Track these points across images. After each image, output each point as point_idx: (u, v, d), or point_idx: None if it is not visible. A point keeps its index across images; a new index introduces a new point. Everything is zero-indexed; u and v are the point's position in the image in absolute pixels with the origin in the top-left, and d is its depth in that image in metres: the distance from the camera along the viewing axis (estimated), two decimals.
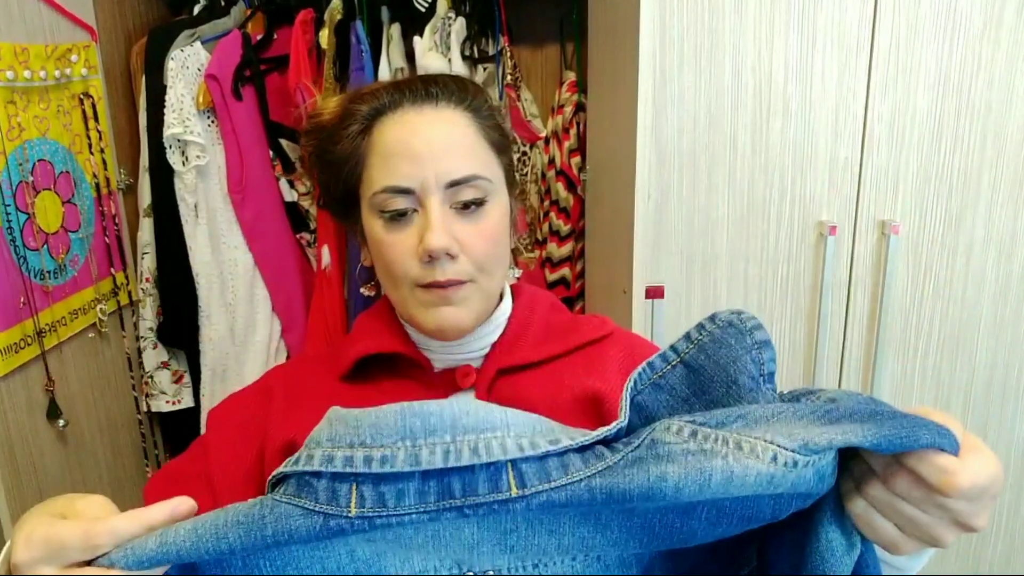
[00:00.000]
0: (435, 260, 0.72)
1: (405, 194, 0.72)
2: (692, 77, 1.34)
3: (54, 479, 1.51)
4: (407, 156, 0.72)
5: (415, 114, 0.74)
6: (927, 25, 1.33)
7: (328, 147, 0.78)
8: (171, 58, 1.61)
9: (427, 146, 0.72)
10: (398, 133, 0.73)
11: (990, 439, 1.54)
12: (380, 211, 0.74)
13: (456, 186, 0.72)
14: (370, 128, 0.75)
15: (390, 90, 0.76)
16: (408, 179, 0.72)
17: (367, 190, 0.75)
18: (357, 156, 0.75)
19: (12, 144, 1.39)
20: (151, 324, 1.77)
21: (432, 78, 0.77)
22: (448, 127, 0.74)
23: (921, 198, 1.41)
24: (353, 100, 0.77)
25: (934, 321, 1.48)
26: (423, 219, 0.72)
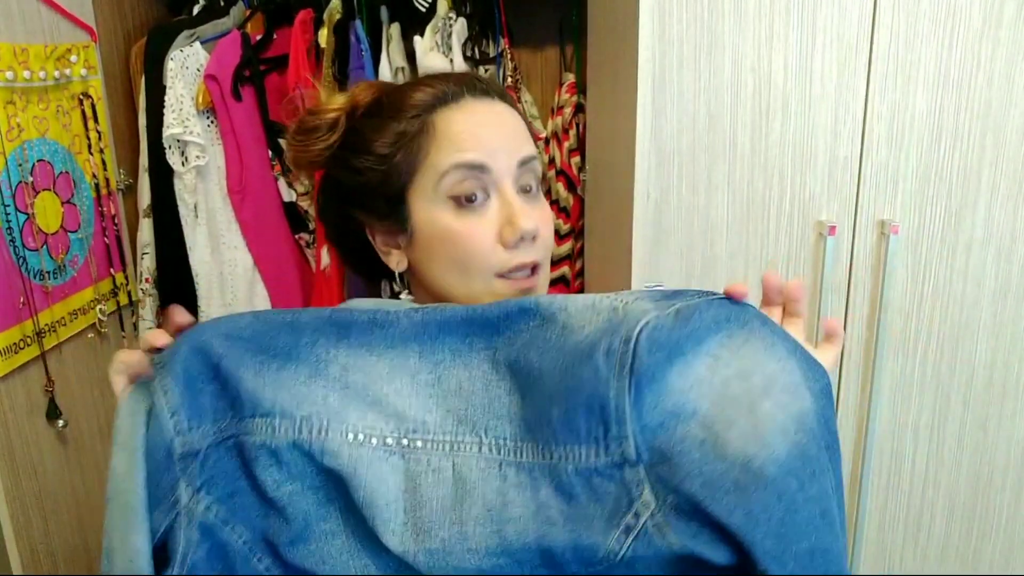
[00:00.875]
0: (522, 244, 0.71)
1: (479, 172, 0.71)
2: (691, 77, 1.34)
3: (54, 479, 1.51)
4: (478, 138, 0.71)
5: (479, 104, 0.74)
6: (926, 24, 1.33)
7: (359, 143, 0.74)
8: (170, 58, 1.61)
9: (496, 131, 0.73)
10: (465, 119, 0.72)
11: (990, 438, 1.54)
12: (450, 196, 0.71)
13: (524, 165, 0.73)
14: (428, 118, 0.73)
15: (448, 82, 0.74)
16: (482, 155, 0.71)
17: (428, 179, 0.72)
18: (410, 147, 0.72)
19: (12, 144, 1.39)
20: (151, 324, 1.77)
21: (476, 75, 0.78)
22: (508, 115, 0.75)
23: (921, 197, 1.42)
24: (396, 91, 0.76)
25: (933, 320, 1.48)
26: (501, 204, 0.71)
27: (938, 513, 1.59)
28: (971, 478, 1.57)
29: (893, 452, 1.55)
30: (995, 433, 1.54)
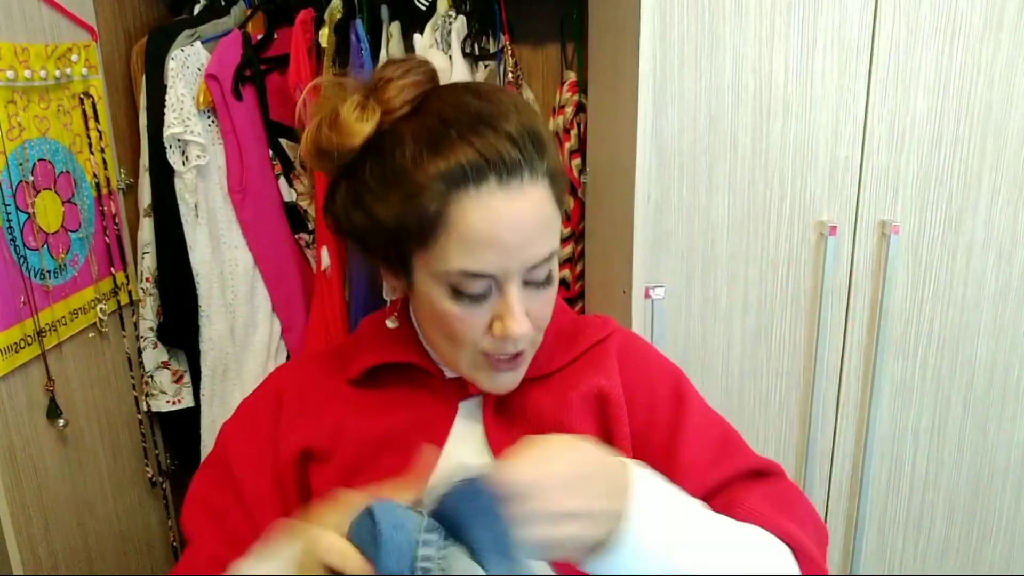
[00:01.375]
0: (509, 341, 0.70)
1: (486, 278, 0.67)
2: (692, 77, 1.34)
3: (54, 479, 1.51)
4: (494, 245, 0.65)
5: (503, 197, 0.65)
6: (927, 27, 1.33)
7: (367, 199, 0.68)
8: (171, 58, 1.61)
9: (517, 236, 0.66)
10: (483, 218, 0.64)
11: (990, 440, 1.54)
12: (453, 289, 0.68)
13: (536, 267, 0.69)
14: (445, 203, 0.65)
15: (470, 156, 0.64)
16: (492, 266, 0.66)
17: (433, 261, 0.67)
18: (422, 226, 0.66)
19: (12, 144, 1.39)
20: (151, 324, 1.77)
21: (513, 135, 0.66)
22: (534, 209, 0.67)
23: (921, 199, 1.41)
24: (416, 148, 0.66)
25: (934, 322, 1.48)
26: (501, 302, 0.68)
27: (938, 515, 1.59)
28: (971, 480, 1.57)
29: (893, 454, 1.55)
30: (995, 435, 1.54)
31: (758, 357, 1.48)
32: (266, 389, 0.84)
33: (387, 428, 0.77)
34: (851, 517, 1.58)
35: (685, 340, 1.46)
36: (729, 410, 1.51)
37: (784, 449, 1.54)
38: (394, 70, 0.70)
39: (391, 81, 0.69)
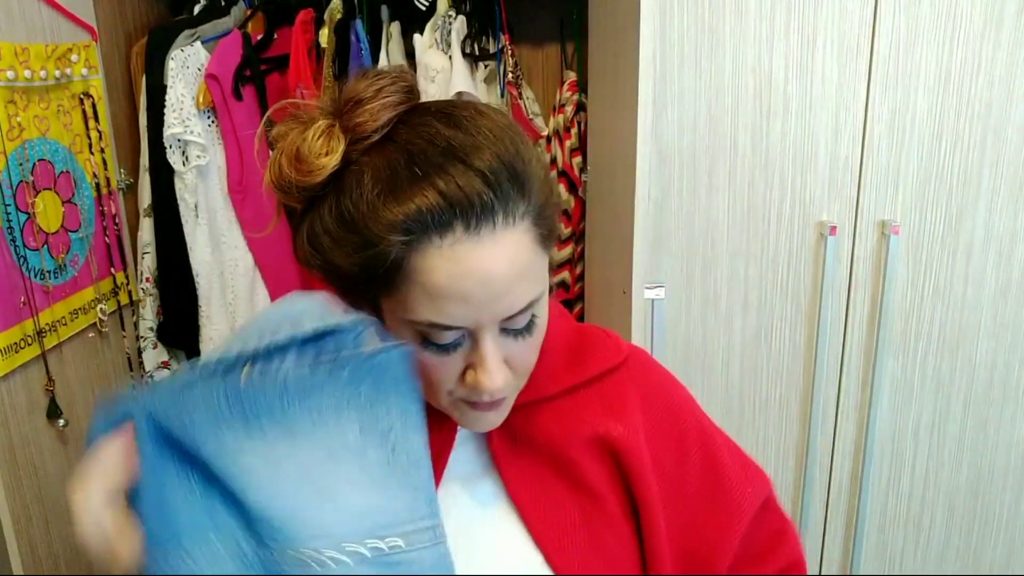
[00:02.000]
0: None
1: (455, 330, 0.61)
2: (692, 77, 1.34)
3: (54, 479, 1.51)
4: (460, 300, 0.58)
5: (471, 245, 0.57)
6: (927, 25, 1.33)
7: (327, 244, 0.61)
8: (171, 58, 1.61)
9: (485, 290, 0.58)
10: (448, 272, 0.57)
11: (990, 439, 1.54)
12: (423, 337, 0.62)
13: (511, 318, 0.61)
14: (406, 253, 0.57)
15: (433, 200, 0.56)
16: (461, 320, 0.59)
17: (403, 312, 0.61)
18: (385, 275, 0.59)
19: (12, 144, 1.39)
20: (151, 324, 1.77)
21: (486, 172, 0.58)
22: (508, 259, 0.59)
23: (921, 198, 1.41)
24: (380, 197, 0.58)
25: (934, 321, 1.48)
26: (474, 352, 0.62)
27: (938, 514, 1.59)
28: (971, 479, 1.57)
29: (893, 453, 1.55)
30: (995, 434, 1.54)
31: (758, 357, 1.48)
32: None
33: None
34: (851, 516, 1.58)
35: (685, 340, 1.46)
36: (729, 410, 1.51)
37: (784, 449, 1.54)
38: (366, 88, 0.61)
39: (361, 104, 0.61)
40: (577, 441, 0.73)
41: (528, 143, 0.64)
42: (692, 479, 0.76)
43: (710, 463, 0.76)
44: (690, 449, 0.77)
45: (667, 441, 0.76)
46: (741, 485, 0.76)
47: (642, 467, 0.73)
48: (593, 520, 0.72)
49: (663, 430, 0.77)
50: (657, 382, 0.80)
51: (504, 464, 0.74)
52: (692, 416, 0.79)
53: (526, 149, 0.62)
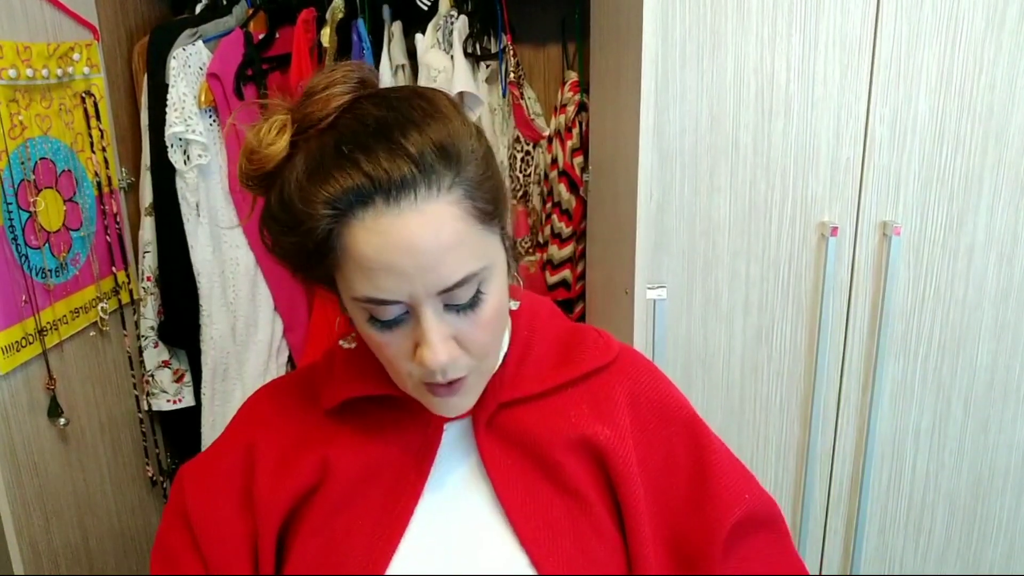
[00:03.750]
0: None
1: (393, 304, 0.62)
2: (694, 77, 1.34)
3: (55, 477, 1.51)
4: (389, 271, 0.60)
5: (392, 217, 0.59)
6: (929, 27, 1.33)
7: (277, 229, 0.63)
8: (173, 57, 1.61)
9: (411, 259, 0.59)
10: (374, 245, 0.59)
11: (990, 440, 1.54)
12: (369, 314, 0.64)
13: (449, 291, 0.62)
14: (336, 231, 0.60)
15: (355, 180, 0.58)
16: (394, 293, 0.61)
17: (346, 288, 0.64)
18: (325, 253, 0.62)
19: (14, 142, 1.39)
20: (152, 323, 1.77)
21: (400, 141, 0.60)
22: (433, 231, 0.59)
23: (923, 200, 1.41)
24: (301, 185, 0.60)
25: (935, 323, 1.48)
26: (417, 326, 0.63)
27: (939, 515, 1.59)
28: (972, 481, 1.57)
29: (894, 454, 1.55)
30: (996, 436, 1.54)
31: (759, 358, 1.48)
32: (237, 441, 0.77)
33: (371, 456, 0.74)
34: (851, 517, 1.58)
35: (686, 340, 1.46)
36: (730, 410, 1.51)
37: (784, 449, 1.54)
38: (319, 81, 0.65)
39: (312, 95, 0.64)
40: (564, 441, 0.73)
41: (468, 123, 0.65)
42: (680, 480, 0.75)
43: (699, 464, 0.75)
44: (678, 450, 0.76)
45: (655, 441, 0.76)
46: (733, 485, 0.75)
47: (627, 470, 0.73)
48: (579, 523, 0.72)
49: (651, 430, 0.76)
50: (647, 382, 0.79)
51: (491, 465, 0.74)
52: (681, 417, 0.78)
53: (461, 128, 0.63)
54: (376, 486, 0.73)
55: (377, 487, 0.73)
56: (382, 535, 0.71)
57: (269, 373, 1.81)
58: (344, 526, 0.72)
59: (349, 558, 0.70)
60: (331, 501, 0.72)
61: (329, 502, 0.72)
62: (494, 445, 0.74)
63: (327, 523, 0.72)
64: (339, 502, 0.72)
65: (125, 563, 1.72)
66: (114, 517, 1.67)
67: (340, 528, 0.72)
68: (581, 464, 0.73)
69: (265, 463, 0.74)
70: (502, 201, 0.67)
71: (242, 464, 0.75)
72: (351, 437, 0.75)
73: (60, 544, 1.52)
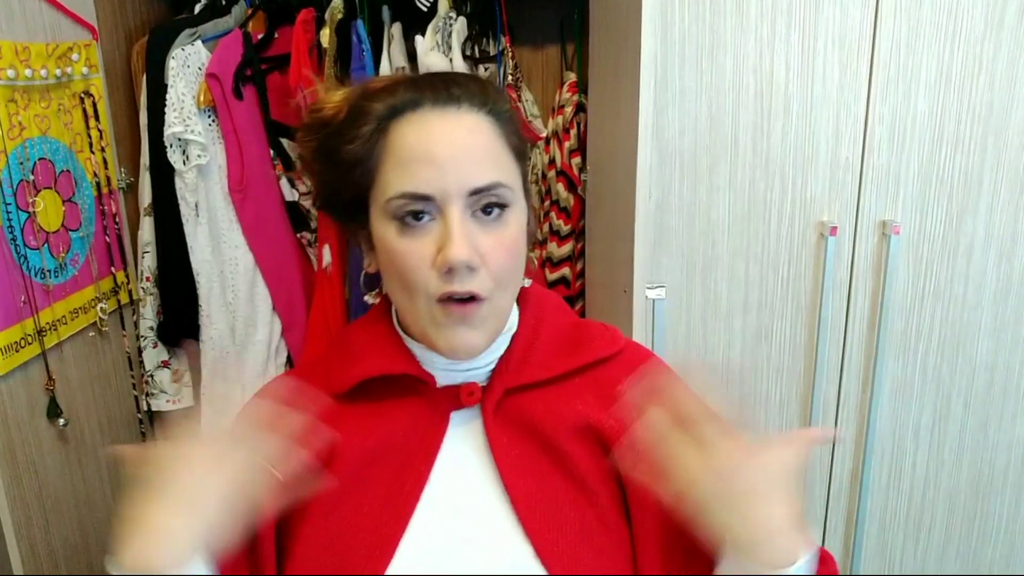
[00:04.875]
0: (455, 272, 0.68)
1: (424, 200, 0.67)
2: (693, 77, 1.34)
3: (54, 478, 1.51)
4: (427, 161, 0.67)
5: (437, 117, 0.69)
6: (928, 26, 1.33)
7: (335, 145, 0.71)
8: (172, 57, 1.61)
9: (449, 151, 0.67)
10: (418, 136, 0.68)
11: (990, 439, 1.55)
12: (395, 216, 0.69)
13: (478, 194, 0.68)
14: (385, 128, 0.69)
15: (408, 88, 0.70)
16: (428, 185, 0.67)
17: (380, 194, 0.70)
18: (370, 157, 0.70)
19: (13, 143, 1.39)
20: (151, 323, 1.77)
21: (453, 78, 0.72)
22: (471, 132, 0.69)
23: (922, 199, 1.42)
24: (365, 96, 0.71)
25: (934, 322, 1.48)
26: (443, 228, 0.67)
27: (938, 514, 1.59)
28: (971, 479, 1.57)
29: (894, 453, 1.55)
30: (995, 434, 1.55)
31: (759, 357, 1.49)
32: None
33: (378, 441, 0.74)
34: (851, 516, 1.58)
35: (686, 339, 1.46)
36: None
37: None
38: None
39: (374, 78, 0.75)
40: (570, 429, 0.74)
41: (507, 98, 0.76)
42: None
43: None
44: None
45: None
46: None
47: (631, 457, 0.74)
48: (585, 513, 0.72)
49: None
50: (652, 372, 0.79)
51: (499, 451, 0.74)
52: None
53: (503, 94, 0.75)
54: (383, 470, 0.74)
55: (384, 471, 0.73)
56: (388, 520, 0.71)
57: (268, 373, 1.81)
58: (351, 510, 0.72)
59: (356, 542, 0.70)
60: (337, 486, 0.73)
61: (335, 487, 0.73)
62: (501, 431, 0.75)
63: (335, 507, 0.72)
64: (345, 486, 0.73)
65: None
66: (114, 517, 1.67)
67: (347, 512, 0.72)
68: (587, 452, 0.74)
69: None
70: (527, 156, 0.76)
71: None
72: (359, 421, 0.75)
73: (60, 544, 1.52)
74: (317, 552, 0.71)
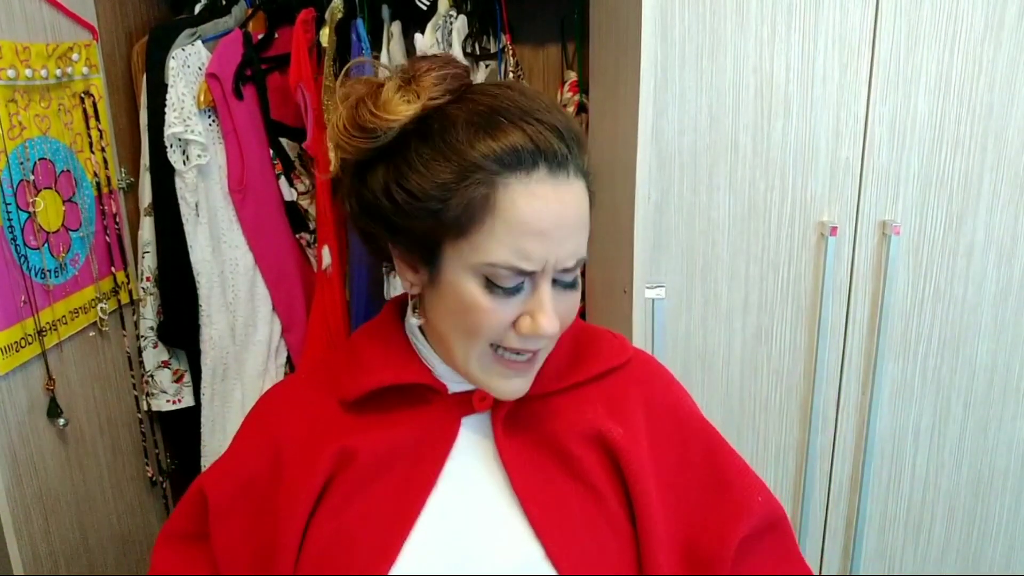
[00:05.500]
0: (537, 340, 0.68)
1: (528, 275, 0.66)
2: (693, 77, 1.34)
3: (54, 478, 1.51)
4: (539, 236, 0.64)
5: (551, 186, 0.65)
6: (928, 27, 1.33)
7: (410, 175, 0.66)
8: (172, 57, 1.61)
9: (559, 229, 0.65)
10: (531, 207, 0.64)
11: (990, 440, 1.54)
12: (487, 276, 0.66)
13: (571, 268, 0.68)
14: (493, 186, 0.64)
15: (523, 141, 0.64)
16: (535, 262, 0.65)
17: (473, 252, 0.65)
18: (467, 211, 0.64)
19: (13, 143, 1.39)
20: (151, 323, 1.77)
21: (560, 129, 0.66)
22: (576, 205, 0.67)
23: (922, 200, 1.41)
24: (463, 126, 0.65)
25: (934, 322, 1.48)
26: (533, 298, 0.67)
27: (938, 515, 1.59)
28: (971, 481, 1.57)
29: (893, 454, 1.55)
30: (995, 436, 1.54)
31: (758, 357, 1.48)
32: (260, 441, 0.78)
33: (389, 446, 0.75)
34: (851, 517, 1.58)
35: (685, 340, 1.46)
36: (729, 410, 1.51)
37: (784, 449, 1.54)
38: (431, 63, 0.69)
39: (430, 71, 0.68)
40: (579, 436, 0.74)
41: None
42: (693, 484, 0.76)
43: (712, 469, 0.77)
44: (691, 454, 0.77)
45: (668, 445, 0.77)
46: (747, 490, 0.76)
47: (640, 470, 0.74)
48: (594, 516, 0.72)
49: (665, 434, 0.77)
50: (661, 387, 0.81)
51: (508, 456, 0.74)
52: (694, 422, 0.79)
53: (577, 123, 0.71)
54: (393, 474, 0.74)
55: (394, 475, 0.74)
56: (392, 525, 0.71)
57: (268, 373, 1.81)
58: (357, 514, 0.72)
59: (358, 546, 0.70)
60: (346, 489, 0.73)
61: (344, 490, 0.73)
62: (511, 437, 0.75)
63: (341, 510, 0.72)
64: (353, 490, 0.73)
65: (125, 563, 1.72)
66: (114, 517, 1.67)
67: (353, 516, 0.72)
68: (596, 459, 0.75)
69: (291, 468, 0.75)
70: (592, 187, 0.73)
71: (268, 473, 0.76)
72: (369, 427, 0.76)
73: (60, 544, 1.52)
74: (322, 555, 0.71)
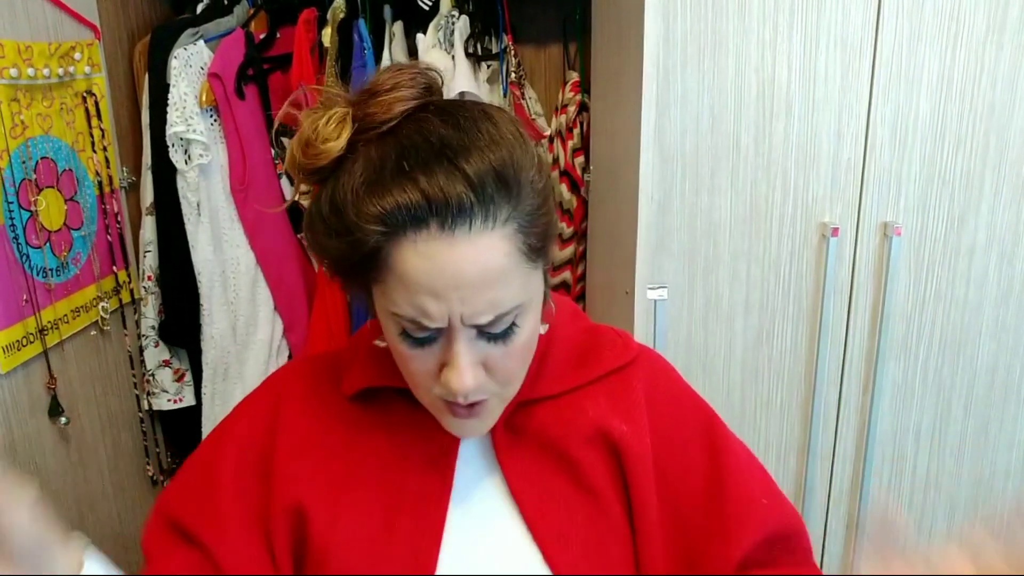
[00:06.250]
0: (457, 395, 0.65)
1: (429, 329, 0.62)
2: (695, 78, 1.34)
3: (55, 477, 1.51)
4: (432, 295, 0.59)
5: (446, 244, 0.57)
6: (930, 27, 1.33)
7: (331, 222, 0.62)
8: (174, 56, 1.61)
9: (456, 291, 0.59)
10: (421, 268, 0.58)
11: (991, 441, 1.54)
12: (402, 329, 0.63)
13: (485, 326, 0.62)
14: (385, 245, 0.59)
15: (412, 197, 0.57)
16: (433, 319, 0.60)
17: (386, 302, 0.62)
18: (370, 263, 0.61)
19: (15, 142, 1.39)
20: (153, 322, 1.77)
21: (471, 175, 0.58)
22: (482, 261, 0.59)
23: (923, 200, 1.41)
24: (365, 189, 0.59)
25: (936, 323, 1.48)
26: (447, 348, 0.62)
27: (939, 516, 1.59)
28: (972, 482, 1.57)
29: (894, 455, 1.55)
30: (996, 437, 1.54)
31: (760, 358, 1.48)
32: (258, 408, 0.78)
33: (392, 447, 0.74)
34: (852, 518, 1.58)
35: (687, 341, 1.46)
36: (730, 411, 1.51)
37: (785, 450, 1.54)
38: (386, 80, 0.63)
39: (376, 95, 0.62)
40: (581, 437, 0.73)
41: (531, 152, 0.63)
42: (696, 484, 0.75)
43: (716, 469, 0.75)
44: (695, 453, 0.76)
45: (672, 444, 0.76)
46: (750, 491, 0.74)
47: (643, 469, 0.73)
48: (596, 523, 0.72)
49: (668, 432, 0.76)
50: (665, 383, 0.79)
51: (507, 460, 0.74)
52: (699, 419, 0.78)
53: (524, 157, 0.61)
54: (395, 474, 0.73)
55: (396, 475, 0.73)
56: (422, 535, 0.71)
57: (269, 373, 1.81)
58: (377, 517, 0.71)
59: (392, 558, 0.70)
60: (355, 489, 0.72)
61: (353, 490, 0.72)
62: (511, 442, 0.74)
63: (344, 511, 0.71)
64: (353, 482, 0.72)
65: (125, 563, 1.71)
66: (114, 517, 1.67)
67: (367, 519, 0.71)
68: (599, 459, 0.74)
69: (288, 437, 0.74)
70: (552, 237, 0.66)
71: (264, 431, 0.75)
72: (373, 425, 0.75)
73: None
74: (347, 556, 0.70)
